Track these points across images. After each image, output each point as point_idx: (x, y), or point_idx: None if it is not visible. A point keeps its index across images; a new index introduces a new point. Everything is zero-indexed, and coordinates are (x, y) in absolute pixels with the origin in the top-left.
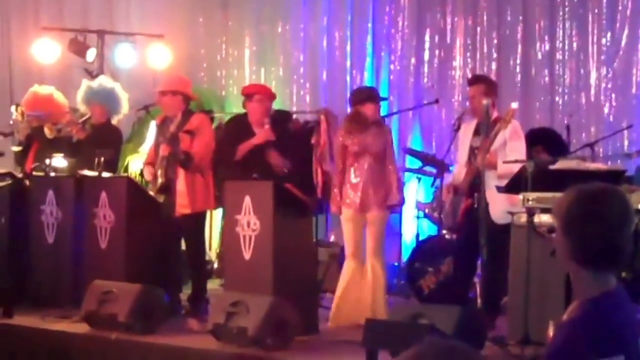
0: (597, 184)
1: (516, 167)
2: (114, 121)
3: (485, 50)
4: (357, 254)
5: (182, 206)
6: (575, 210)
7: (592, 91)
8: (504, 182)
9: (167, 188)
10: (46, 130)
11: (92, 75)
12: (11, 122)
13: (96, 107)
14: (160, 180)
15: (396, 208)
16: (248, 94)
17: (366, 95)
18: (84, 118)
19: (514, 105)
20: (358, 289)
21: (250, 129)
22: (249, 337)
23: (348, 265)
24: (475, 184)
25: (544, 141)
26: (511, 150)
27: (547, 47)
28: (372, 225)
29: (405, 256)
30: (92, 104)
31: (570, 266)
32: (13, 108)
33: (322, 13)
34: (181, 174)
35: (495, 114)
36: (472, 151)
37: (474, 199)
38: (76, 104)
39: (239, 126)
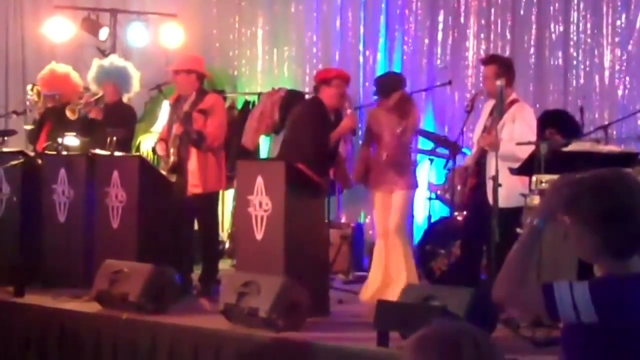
0: (607, 174)
1: (520, 152)
2: (125, 99)
3: (499, 31)
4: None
5: (194, 186)
6: (599, 208)
7: (606, 73)
8: (507, 165)
9: (180, 167)
10: (68, 113)
11: (105, 54)
12: (27, 103)
13: (108, 86)
14: (172, 159)
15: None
16: (326, 78)
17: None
18: (95, 97)
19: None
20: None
21: (327, 116)
22: (260, 317)
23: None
24: (481, 163)
25: (557, 123)
26: (520, 124)
27: (561, 29)
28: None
29: (417, 238)
30: (105, 82)
31: (594, 259)
32: (29, 88)
33: None
34: (193, 153)
35: (513, 95)
36: (484, 131)
37: (481, 178)
38: (88, 83)
39: (322, 112)
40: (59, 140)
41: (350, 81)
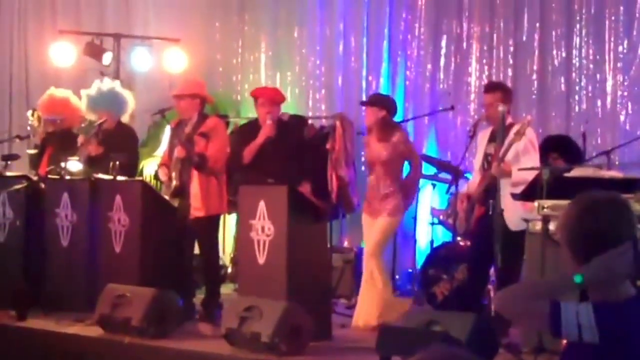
0: (595, 196)
1: (530, 176)
2: (125, 120)
3: (501, 56)
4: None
5: (196, 209)
6: (577, 230)
7: (609, 99)
8: (517, 190)
9: (182, 191)
10: (92, 151)
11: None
12: (28, 128)
13: (102, 114)
14: (174, 183)
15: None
16: (253, 96)
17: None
18: (99, 122)
19: (529, 117)
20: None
21: (259, 132)
22: (262, 342)
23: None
24: (489, 191)
25: (560, 148)
26: (525, 160)
27: (564, 55)
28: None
29: (419, 263)
30: (97, 111)
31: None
32: (29, 113)
33: (339, 18)
34: (195, 177)
35: (509, 120)
36: (486, 158)
37: (488, 206)
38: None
39: (250, 129)
40: (62, 164)
41: (282, 101)
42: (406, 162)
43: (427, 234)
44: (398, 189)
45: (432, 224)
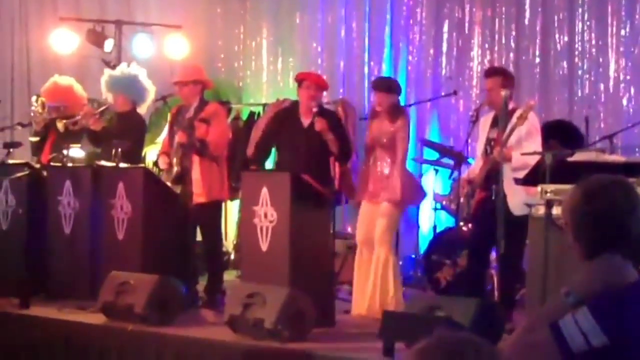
0: (599, 179)
1: (531, 160)
2: (141, 109)
3: (503, 41)
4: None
5: (198, 195)
6: (580, 213)
7: (611, 83)
8: (519, 175)
9: (183, 177)
10: (58, 125)
11: (110, 66)
12: (32, 114)
13: (118, 96)
14: (175, 169)
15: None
16: (298, 79)
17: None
18: (102, 108)
19: (532, 101)
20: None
21: (298, 120)
22: (265, 328)
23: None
24: (491, 176)
25: (559, 134)
26: (528, 145)
27: (566, 39)
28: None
29: (422, 248)
30: (114, 92)
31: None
32: (34, 99)
33: (340, 4)
34: (196, 163)
35: (511, 105)
36: (489, 143)
37: (490, 191)
38: (93, 94)
39: (288, 114)
40: (64, 152)
41: (327, 88)
42: None
43: (429, 220)
44: (402, 174)
45: (435, 209)
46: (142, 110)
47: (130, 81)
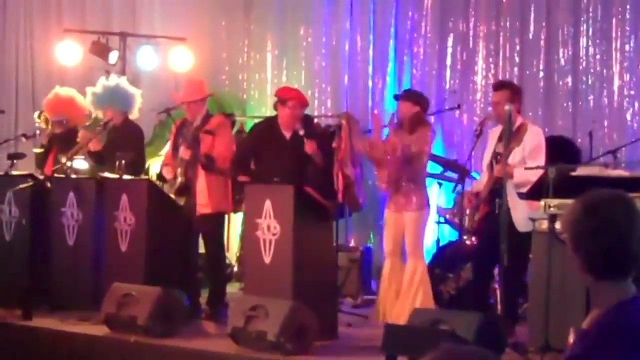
0: (600, 193)
1: (532, 176)
2: (133, 115)
3: (507, 55)
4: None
5: (203, 206)
6: (579, 227)
7: (615, 97)
8: (521, 190)
9: (187, 188)
10: (91, 146)
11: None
12: (37, 132)
13: (107, 110)
14: (179, 180)
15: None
16: (282, 98)
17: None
18: (105, 120)
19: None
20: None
21: (280, 133)
22: (268, 341)
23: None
24: (494, 191)
25: (556, 150)
26: (532, 162)
27: (570, 53)
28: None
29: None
30: (102, 108)
31: (585, 279)
32: (36, 115)
33: (345, 17)
34: (202, 174)
35: (520, 121)
36: (495, 157)
37: (494, 205)
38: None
39: (268, 128)
40: (68, 163)
41: (307, 105)
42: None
43: (433, 233)
44: (421, 183)
45: (439, 222)
46: (135, 115)
47: (112, 93)
